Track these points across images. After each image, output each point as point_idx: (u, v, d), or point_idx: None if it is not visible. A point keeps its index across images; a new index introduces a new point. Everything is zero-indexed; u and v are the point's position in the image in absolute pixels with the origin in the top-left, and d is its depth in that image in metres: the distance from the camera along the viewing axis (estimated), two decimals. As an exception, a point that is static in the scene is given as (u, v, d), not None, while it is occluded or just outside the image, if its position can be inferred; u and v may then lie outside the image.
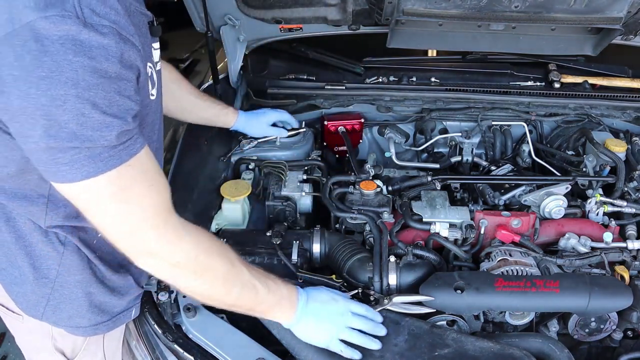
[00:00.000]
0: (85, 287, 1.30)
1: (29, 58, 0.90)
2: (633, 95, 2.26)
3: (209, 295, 1.22)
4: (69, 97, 0.92)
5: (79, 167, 0.97)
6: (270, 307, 1.29)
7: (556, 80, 2.28)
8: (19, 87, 0.91)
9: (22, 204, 1.19)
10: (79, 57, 0.92)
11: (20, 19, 0.91)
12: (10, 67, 0.91)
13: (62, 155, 0.96)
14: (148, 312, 1.45)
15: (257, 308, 1.27)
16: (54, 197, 1.18)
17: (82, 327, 1.34)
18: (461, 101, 2.26)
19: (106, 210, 1.05)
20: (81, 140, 0.95)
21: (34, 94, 0.91)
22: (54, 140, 0.94)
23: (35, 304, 1.31)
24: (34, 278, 1.28)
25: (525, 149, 2.15)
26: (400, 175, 1.97)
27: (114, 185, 1.02)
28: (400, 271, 1.52)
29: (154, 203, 1.09)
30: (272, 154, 2.01)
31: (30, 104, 0.92)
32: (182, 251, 1.13)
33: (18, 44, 0.90)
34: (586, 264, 1.60)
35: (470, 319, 1.50)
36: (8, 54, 0.91)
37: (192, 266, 1.15)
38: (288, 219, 1.80)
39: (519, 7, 1.75)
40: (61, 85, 0.91)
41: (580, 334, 1.51)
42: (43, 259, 1.26)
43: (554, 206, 1.74)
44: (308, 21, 2.09)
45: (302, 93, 2.29)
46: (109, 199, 1.03)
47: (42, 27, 0.90)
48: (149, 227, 1.09)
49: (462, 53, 2.47)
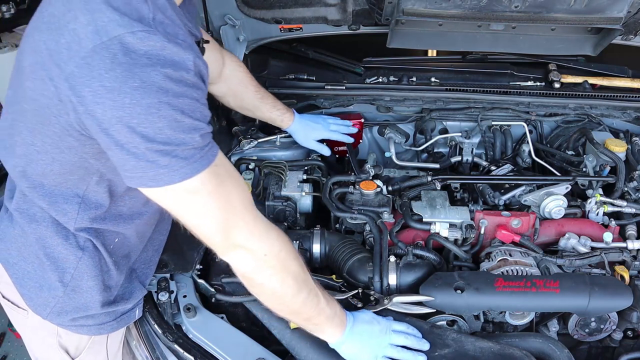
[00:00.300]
0: (95, 293, 1.32)
1: (120, 70, 0.96)
2: (633, 95, 2.25)
3: (280, 295, 1.23)
4: (162, 104, 0.99)
5: (177, 169, 1.03)
6: (325, 320, 1.29)
7: (556, 80, 2.27)
8: (113, 98, 0.97)
9: (57, 200, 1.22)
10: (165, 68, 0.99)
11: (107, 32, 0.97)
12: (101, 79, 0.96)
13: (161, 159, 1.01)
14: (148, 312, 1.45)
15: (315, 319, 1.28)
16: (87, 199, 1.23)
17: (86, 326, 1.36)
18: (461, 101, 2.26)
19: (200, 209, 1.11)
20: (176, 143, 1.02)
21: (129, 103, 0.97)
22: (153, 145, 1.00)
23: (43, 304, 1.32)
24: (49, 279, 1.29)
25: (525, 149, 2.15)
26: (400, 175, 1.97)
27: (208, 184, 1.08)
28: (400, 271, 1.52)
29: (242, 199, 1.16)
30: (272, 154, 2.01)
31: (126, 113, 0.97)
32: (269, 245, 1.19)
33: (107, 57, 0.96)
34: (586, 264, 1.60)
35: (470, 319, 1.50)
36: (98, 67, 0.97)
37: (273, 261, 1.19)
38: (288, 219, 1.80)
39: (519, 7, 1.75)
40: (154, 94, 0.98)
41: (580, 334, 1.51)
42: (60, 262, 1.28)
43: (554, 206, 1.74)
44: (308, 21, 2.09)
45: (302, 93, 2.29)
46: (202, 198, 1.09)
47: (130, 41, 0.97)
48: (241, 221, 1.15)
49: (462, 53, 2.47)
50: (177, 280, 1.51)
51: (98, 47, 0.97)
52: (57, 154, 1.14)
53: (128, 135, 0.99)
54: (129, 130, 0.99)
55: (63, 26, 1.00)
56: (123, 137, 1.00)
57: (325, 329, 1.30)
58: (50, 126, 1.10)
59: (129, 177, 1.06)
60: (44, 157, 1.16)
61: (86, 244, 1.28)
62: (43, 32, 1.03)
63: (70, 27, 0.99)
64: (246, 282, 1.23)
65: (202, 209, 1.11)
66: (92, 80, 0.97)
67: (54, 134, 1.11)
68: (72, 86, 0.99)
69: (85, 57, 0.97)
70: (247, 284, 1.24)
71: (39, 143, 1.14)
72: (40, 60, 1.03)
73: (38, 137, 1.14)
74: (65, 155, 1.14)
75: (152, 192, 1.08)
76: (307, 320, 1.28)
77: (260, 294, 1.25)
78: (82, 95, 0.99)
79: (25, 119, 1.14)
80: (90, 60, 0.97)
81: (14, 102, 1.18)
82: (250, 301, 1.44)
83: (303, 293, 1.24)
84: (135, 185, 1.07)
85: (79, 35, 0.98)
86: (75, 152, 1.13)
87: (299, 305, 1.24)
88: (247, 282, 1.23)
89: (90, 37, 0.97)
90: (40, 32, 1.04)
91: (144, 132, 0.99)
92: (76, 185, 1.21)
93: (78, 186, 1.21)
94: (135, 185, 1.07)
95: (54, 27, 1.02)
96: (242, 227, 1.16)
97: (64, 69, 0.99)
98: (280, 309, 1.27)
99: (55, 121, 1.08)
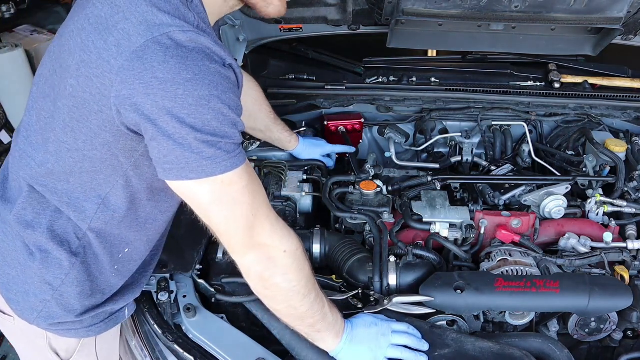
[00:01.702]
0: (84, 298, 1.32)
1: (174, 62, 1.00)
2: (633, 95, 2.26)
3: (292, 296, 1.23)
4: (212, 97, 1.03)
5: (220, 162, 1.06)
6: (328, 326, 1.29)
7: (556, 80, 2.28)
8: (166, 89, 1.00)
9: (78, 197, 1.23)
10: (214, 64, 1.05)
11: (158, 28, 1.02)
12: (154, 70, 1.00)
13: (207, 150, 1.04)
14: (148, 312, 1.45)
15: (319, 324, 1.28)
16: (108, 201, 1.24)
17: (74, 329, 1.36)
18: (461, 101, 2.26)
19: (232, 204, 1.13)
20: (221, 136, 1.05)
21: (182, 94, 1.00)
22: (202, 135, 1.03)
23: (30, 308, 1.31)
24: (36, 284, 1.29)
25: (525, 149, 2.15)
26: (400, 175, 1.97)
27: (243, 179, 1.12)
28: (400, 271, 1.52)
29: (265, 199, 1.20)
30: (272, 154, 2.01)
31: (177, 104, 1.01)
32: (289, 242, 1.21)
33: (160, 50, 1.01)
34: (586, 264, 1.60)
35: (470, 319, 1.50)
36: (151, 59, 1.00)
37: (291, 258, 1.21)
38: (288, 219, 1.80)
39: (519, 7, 1.75)
40: (205, 87, 1.02)
41: (580, 334, 1.51)
42: (52, 267, 1.27)
43: (554, 206, 1.74)
44: (308, 21, 2.09)
45: (302, 93, 2.30)
46: (236, 193, 1.11)
47: (180, 38, 1.03)
48: (266, 219, 1.18)
49: (462, 53, 2.47)
50: (177, 280, 1.50)
51: (150, 42, 1.01)
52: (89, 151, 1.16)
53: (177, 125, 1.01)
54: (178, 121, 1.01)
55: (112, 26, 1.04)
56: (172, 128, 1.02)
57: (326, 336, 1.30)
58: (87, 123, 1.12)
59: (168, 169, 1.07)
60: (75, 154, 1.18)
61: (79, 250, 1.28)
62: (90, 33, 1.07)
63: (120, 27, 1.03)
64: (261, 283, 1.22)
65: (234, 204, 1.13)
66: (144, 72, 1.00)
67: (89, 131, 1.13)
68: (123, 80, 1.02)
69: (136, 50, 1.01)
70: (261, 286, 1.23)
71: (70, 141, 1.16)
72: (87, 58, 1.06)
73: (70, 135, 1.15)
74: (98, 152, 1.16)
75: (188, 185, 1.09)
76: (311, 327, 1.28)
77: (273, 298, 1.25)
78: (132, 87, 1.01)
79: (59, 116, 1.15)
80: (142, 53, 1.01)
81: (42, 97, 1.20)
82: (251, 301, 1.44)
83: (312, 295, 1.25)
84: (174, 177, 1.08)
85: (129, 32, 1.02)
86: (108, 148, 1.15)
87: (306, 309, 1.24)
88: (262, 284, 1.23)
89: (141, 33, 1.02)
90: (88, 33, 1.07)
91: (193, 122, 1.02)
92: (100, 186, 1.22)
93: (102, 187, 1.22)
94: (173, 177, 1.08)
95: (101, 27, 1.06)
96: (267, 224, 1.18)
97: (113, 65, 1.02)
98: (289, 313, 1.26)
99: (94, 117, 1.10)
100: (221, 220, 1.15)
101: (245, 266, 1.21)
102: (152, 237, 1.40)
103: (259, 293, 1.26)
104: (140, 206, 1.29)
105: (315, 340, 1.31)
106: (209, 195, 1.11)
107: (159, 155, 1.07)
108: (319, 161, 1.99)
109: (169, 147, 1.04)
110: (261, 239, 1.18)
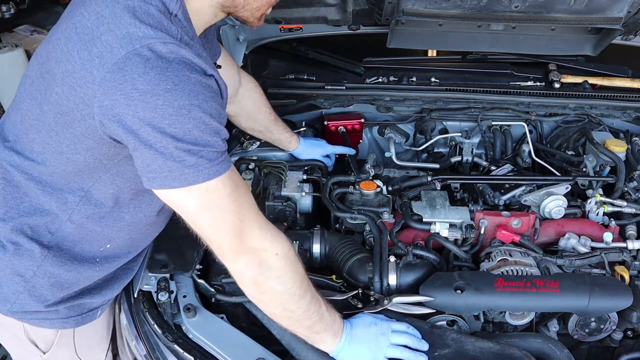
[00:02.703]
0: (56, 289, 1.33)
1: (153, 73, 1.02)
2: (633, 95, 2.26)
3: (287, 298, 1.23)
4: (193, 107, 1.04)
5: (202, 170, 1.07)
6: (326, 327, 1.29)
7: (556, 80, 2.28)
8: (146, 100, 1.02)
9: (61, 188, 1.25)
10: (194, 74, 1.06)
11: (139, 40, 1.04)
12: (134, 82, 1.02)
13: (188, 159, 1.05)
14: (148, 312, 1.45)
15: (317, 325, 1.27)
16: (91, 195, 1.26)
17: (49, 319, 1.38)
18: (461, 101, 2.26)
19: (218, 211, 1.13)
20: (203, 145, 1.06)
21: (162, 105, 1.02)
22: (183, 144, 1.04)
23: (3, 299, 1.33)
24: (8, 275, 1.30)
25: (525, 149, 2.15)
26: (400, 175, 1.97)
27: (227, 187, 1.12)
28: (400, 271, 1.52)
29: (253, 203, 1.20)
30: (272, 154, 2.01)
31: (158, 115, 1.02)
32: (280, 245, 1.22)
33: (140, 61, 1.02)
34: (586, 264, 1.60)
35: (470, 319, 1.50)
36: (131, 71, 1.02)
37: (283, 260, 1.21)
38: (288, 219, 1.80)
39: (519, 7, 1.75)
40: (185, 96, 1.03)
41: (580, 334, 1.51)
42: (23, 259, 1.29)
43: (554, 206, 1.74)
44: (308, 21, 2.09)
45: (302, 93, 2.29)
46: (221, 200, 1.12)
47: (161, 49, 1.04)
48: (255, 223, 1.19)
49: (462, 53, 2.47)
50: (177, 280, 1.50)
51: (130, 54, 1.03)
52: (73, 155, 1.18)
53: (158, 135, 1.03)
54: (159, 131, 1.03)
55: (96, 37, 1.05)
56: (153, 138, 1.03)
57: (325, 337, 1.29)
58: (71, 129, 1.13)
59: (152, 177, 1.08)
60: (59, 157, 1.20)
61: (51, 244, 1.29)
62: (76, 43, 1.08)
63: (104, 39, 1.05)
64: (255, 288, 1.23)
65: (219, 211, 1.13)
66: (124, 84, 1.01)
67: (73, 137, 1.14)
68: (105, 91, 1.03)
69: (117, 62, 1.02)
70: (255, 291, 1.24)
71: (55, 144, 1.18)
72: (71, 68, 1.07)
73: (55, 139, 1.17)
74: (81, 156, 1.18)
75: (172, 193, 1.10)
76: (309, 329, 1.28)
77: (268, 302, 1.25)
78: (113, 99, 1.02)
79: (44, 119, 1.17)
80: (123, 65, 1.02)
81: (29, 99, 1.21)
82: (250, 301, 1.44)
83: (307, 297, 1.25)
84: (158, 186, 1.09)
85: (111, 44, 1.03)
86: (92, 153, 1.17)
87: (303, 310, 1.24)
88: (257, 289, 1.23)
89: (122, 45, 1.03)
90: (74, 43, 1.08)
91: (174, 132, 1.03)
92: (83, 181, 1.24)
93: (85, 182, 1.24)
94: (157, 186, 1.09)
95: (87, 38, 1.07)
96: (256, 229, 1.18)
97: (96, 76, 1.04)
98: (286, 316, 1.26)
99: (77, 125, 1.12)
100: (208, 228, 1.15)
101: (237, 272, 1.22)
102: (135, 237, 1.41)
103: (254, 298, 1.26)
104: (123, 205, 1.30)
105: (315, 342, 1.30)
106: (195, 203, 1.11)
107: (142, 164, 1.09)
108: (319, 161, 1.99)
109: (151, 156, 1.05)
110: (251, 244, 1.18)
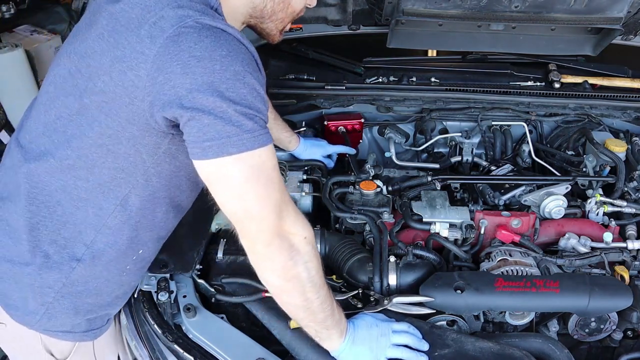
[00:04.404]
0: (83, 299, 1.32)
1: (209, 41, 1.05)
2: (633, 95, 2.26)
3: (310, 287, 1.20)
4: (246, 73, 1.08)
5: (258, 135, 1.08)
6: (335, 323, 1.28)
7: (556, 80, 2.28)
8: (204, 65, 1.04)
9: (96, 196, 1.24)
10: (242, 46, 1.11)
11: (188, 16, 1.07)
12: (191, 50, 1.04)
13: (246, 122, 1.07)
14: (148, 312, 1.45)
15: (329, 320, 1.26)
16: (126, 203, 1.25)
17: (71, 332, 1.36)
18: (461, 101, 2.26)
19: (267, 183, 1.12)
20: (257, 110, 1.09)
21: (219, 69, 1.04)
22: (241, 107, 1.06)
23: (32, 312, 1.31)
24: (38, 286, 1.28)
25: (525, 149, 2.15)
26: (400, 175, 1.97)
27: (274, 158, 1.13)
28: (400, 271, 1.52)
29: (284, 186, 1.19)
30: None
31: (216, 79, 1.04)
32: (308, 228, 1.21)
33: (193, 32, 1.06)
34: (586, 264, 1.60)
35: (470, 319, 1.50)
36: (187, 41, 1.05)
37: (309, 246, 1.21)
38: (288, 219, 1.80)
39: (519, 7, 1.75)
40: (239, 63, 1.07)
41: (580, 334, 1.51)
42: (53, 271, 1.27)
43: (554, 206, 1.74)
44: (308, 21, 2.09)
45: (302, 93, 2.29)
46: (271, 171, 1.12)
47: (210, 23, 1.08)
48: (290, 204, 1.19)
49: (462, 53, 2.47)
50: (177, 280, 1.50)
51: (181, 27, 1.06)
52: (114, 145, 1.17)
53: (218, 100, 1.04)
54: (218, 95, 1.04)
55: (144, 22, 1.08)
56: (211, 102, 1.04)
57: (333, 334, 1.28)
58: (116, 117, 1.14)
59: (208, 146, 1.07)
60: (99, 150, 1.18)
61: (84, 256, 1.27)
62: (122, 33, 1.10)
63: (151, 21, 1.07)
64: (282, 274, 1.18)
65: (270, 182, 1.12)
66: (181, 53, 1.04)
67: (117, 125, 1.15)
68: (159, 66, 1.05)
69: (170, 36, 1.05)
70: (282, 278, 1.19)
71: (95, 136, 1.17)
72: (120, 54, 1.09)
73: (97, 129, 1.16)
74: (123, 146, 1.17)
75: (225, 162, 1.07)
76: (322, 322, 1.26)
77: (291, 291, 1.21)
78: (169, 71, 1.04)
79: (85, 111, 1.17)
80: (177, 38, 1.05)
81: (63, 96, 1.20)
82: (251, 301, 1.44)
83: (325, 288, 1.25)
84: (214, 154, 1.07)
85: (161, 25, 1.06)
86: (133, 143, 1.17)
87: (321, 301, 1.23)
88: (283, 275, 1.18)
89: (171, 22, 1.06)
90: (119, 33, 1.11)
91: (232, 96, 1.05)
92: (120, 186, 1.23)
93: (121, 187, 1.23)
94: (213, 154, 1.07)
95: (133, 26, 1.09)
96: (292, 210, 1.19)
97: (148, 55, 1.05)
98: (305, 306, 1.22)
99: (124, 110, 1.12)
100: (255, 201, 1.12)
101: (267, 256, 1.17)
102: (163, 235, 1.41)
103: (277, 287, 1.22)
104: (157, 205, 1.29)
105: (322, 339, 1.29)
106: (247, 172, 1.09)
107: (198, 133, 1.07)
108: (319, 161, 1.99)
109: (209, 122, 1.05)
110: (286, 225, 1.17)
